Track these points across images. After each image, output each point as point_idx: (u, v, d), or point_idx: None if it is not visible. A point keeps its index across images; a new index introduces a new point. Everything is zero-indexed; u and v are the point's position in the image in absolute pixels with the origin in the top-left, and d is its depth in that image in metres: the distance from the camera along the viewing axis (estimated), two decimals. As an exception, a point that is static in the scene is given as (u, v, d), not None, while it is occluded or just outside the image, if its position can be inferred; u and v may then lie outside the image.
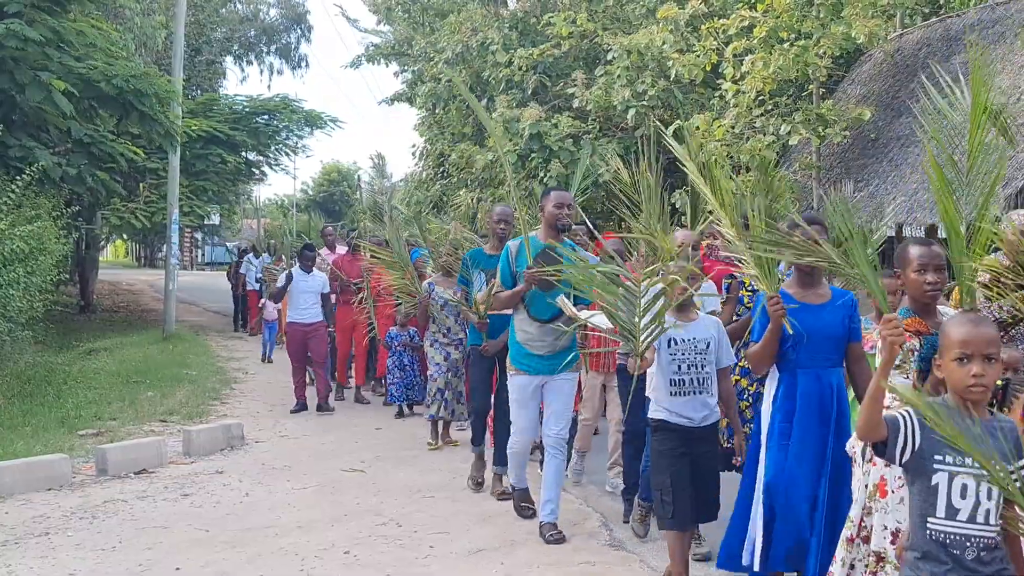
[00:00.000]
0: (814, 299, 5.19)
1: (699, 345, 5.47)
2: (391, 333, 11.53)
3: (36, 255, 12.67)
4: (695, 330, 5.52)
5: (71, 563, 6.10)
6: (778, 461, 5.13)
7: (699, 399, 5.46)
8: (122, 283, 35.51)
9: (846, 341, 5.21)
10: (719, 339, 5.56)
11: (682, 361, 5.44)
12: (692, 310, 5.62)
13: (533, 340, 6.79)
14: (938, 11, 17.80)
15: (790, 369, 5.17)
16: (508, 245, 7.01)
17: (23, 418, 10.49)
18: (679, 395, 5.44)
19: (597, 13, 19.84)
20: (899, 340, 3.54)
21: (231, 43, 39.89)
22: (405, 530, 6.93)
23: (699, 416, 5.46)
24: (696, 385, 5.45)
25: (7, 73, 13.65)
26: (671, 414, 5.46)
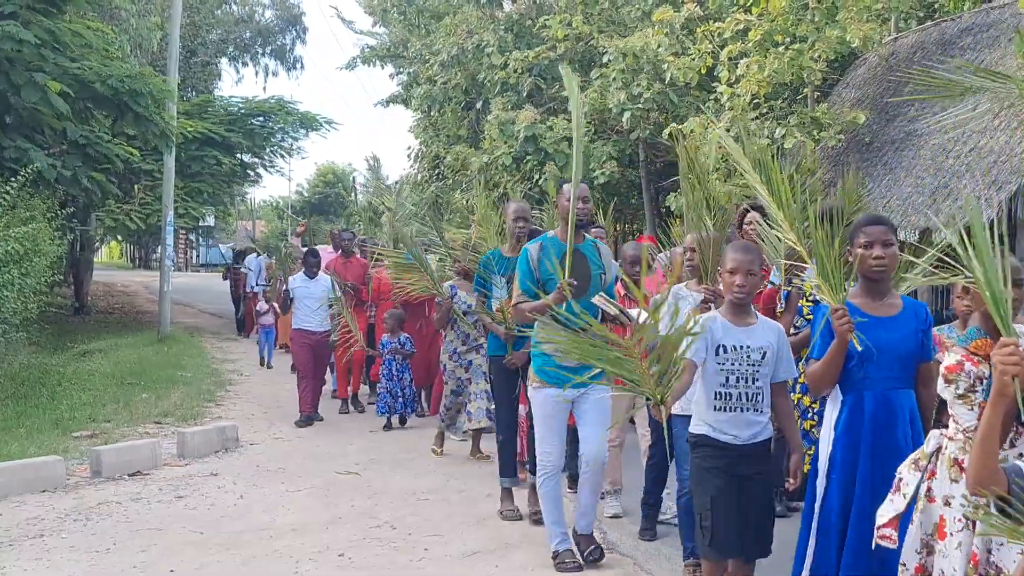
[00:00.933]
0: (884, 311, 4.57)
1: (753, 355, 4.74)
2: (382, 341, 11.15)
3: (30, 256, 12.65)
4: (750, 336, 4.78)
5: (65, 565, 6.09)
6: (842, 496, 4.52)
7: (746, 416, 4.76)
8: (117, 284, 35.47)
9: (918, 359, 4.60)
10: (778, 348, 4.82)
11: (731, 372, 4.72)
12: (749, 312, 4.88)
13: None
14: (933, 15, 17.81)
15: (855, 390, 4.56)
16: (527, 248, 6.23)
17: (17, 420, 10.48)
18: (723, 410, 4.74)
19: (592, 16, 19.83)
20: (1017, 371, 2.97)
21: (226, 44, 39.87)
22: (399, 533, 6.93)
23: (746, 434, 4.75)
24: (744, 400, 4.73)
25: (2, 74, 13.64)
26: (713, 430, 4.78)
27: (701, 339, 4.63)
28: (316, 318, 11.49)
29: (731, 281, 4.71)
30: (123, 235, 28.58)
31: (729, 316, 4.81)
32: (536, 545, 6.59)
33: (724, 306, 4.88)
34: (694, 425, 4.89)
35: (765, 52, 14.48)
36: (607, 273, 6.28)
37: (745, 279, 4.70)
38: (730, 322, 4.78)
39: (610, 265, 6.37)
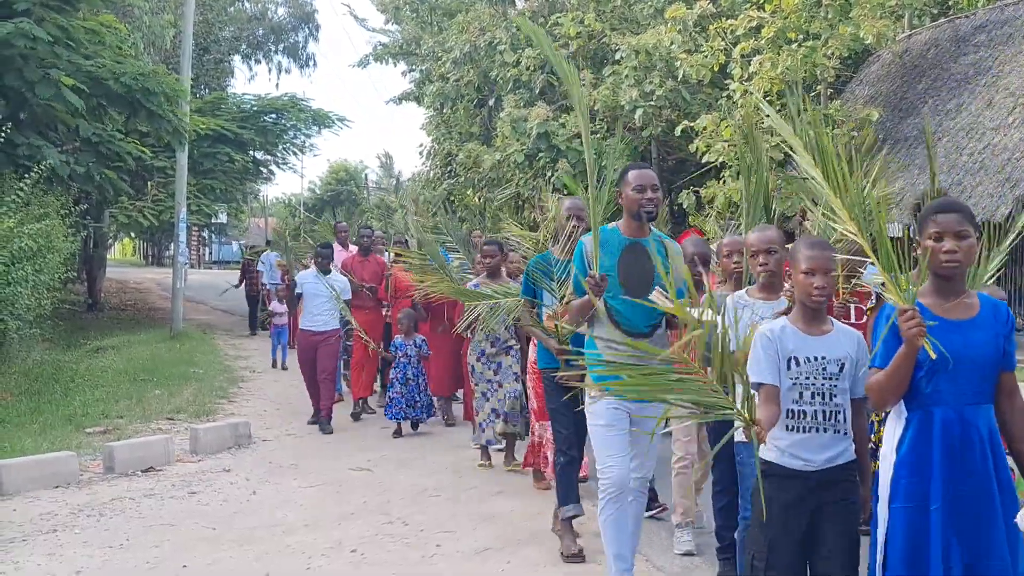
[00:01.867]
0: (958, 312, 3.85)
1: (830, 367, 4.06)
2: (395, 342, 10.55)
3: (44, 253, 12.72)
4: (827, 346, 4.10)
5: (78, 560, 6.11)
6: (906, 531, 3.84)
7: (822, 438, 4.05)
8: (129, 281, 35.56)
9: (999, 368, 3.87)
10: (858, 360, 4.13)
11: (805, 387, 4.05)
12: (824, 318, 4.20)
13: None
14: (947, 12, 17.77)
15: (923, 406, 3.85)
16: (582, 241, 5.49)
17: (31, 416, 10.51)
18: (797, 431, 4.05)
19: (605, 13, 19.84)
20: None
21: (239, 42, 39.95)
22: (411, 529, 6.93)
23: (822, 458, 4.04)
24: (821, 420, 4.05)
25: (16, 71, 13.69)
26: (783, 454, 4.08)
27: (769, 356, 4.03)
28: (323, 318, 10.79)
29: (807, 283, 4.05)
30: (136, 232, 28.70)
31: (801, 323, 4.14)
32: (547, 542, 6.58)
33: (795, 312, 4.21)
34: (763, 449, 4.11)
35: (778, 49, 14.47)
36: (673, 275, 5.26)
37: (825, 280, 4.05)
38: (802, 330, 4.12)
39: (678, 266, 5.44)
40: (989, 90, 13.63)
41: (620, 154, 17.75)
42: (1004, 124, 12.60)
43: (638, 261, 5.34)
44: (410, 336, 10.52)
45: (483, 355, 8.81)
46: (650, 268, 5.29)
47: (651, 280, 5.16)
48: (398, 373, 10.37)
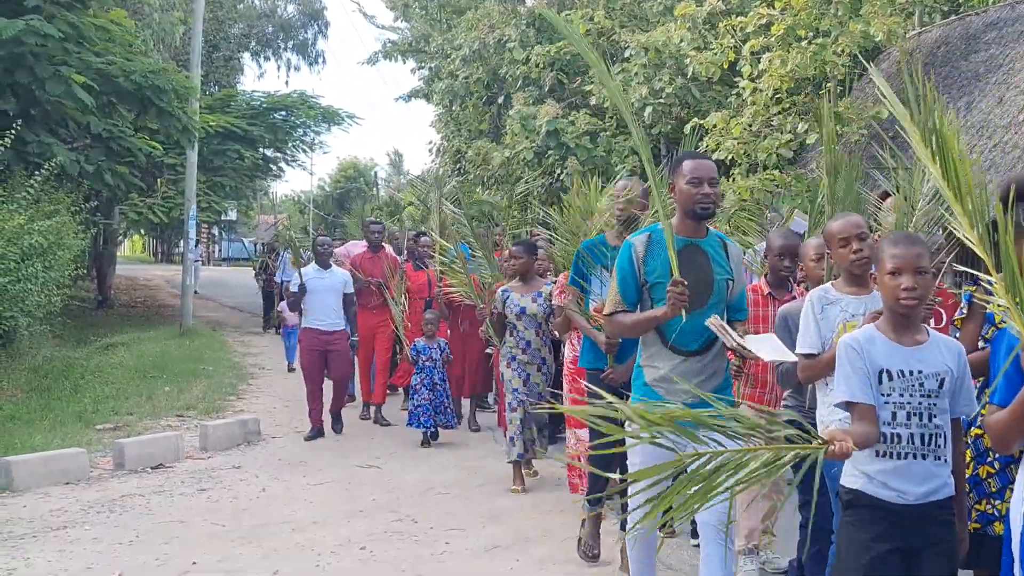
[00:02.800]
0: None
1: (928, 382, 3.49)
2: (417, 346, 9.82)
3: (54, 250, 12.74)
4: (923, 358, 3.53)
5: (88, 556, 6.12)
6: None
7: (919, 466, 3.47)
8: (139, 278, 35.64)
9: None
10: (959, 375, 3.56)
11: (899, 405, 3.48)
12: (918, 326, 3.62)
13: (670, 383, 4.53)
14: (957, 9, 17.70)
15: None
16: (631, 241, 4.76)
17: (41, 412, 10.54)
18: (890, 456, 3.48)
19: (614, 10, 19.82)
20: None
21: (249, 39, 40.05)
22: (420, 526, 6.94)
23: (920, 490, 3.46)
24: (919, 444, 3.47)
25: (26, 68, 13.72)
26: (872, 482, 3.50)
27: (859, 369, 3.49)
28: (330, 316, 10.13)
29: (895, 284, 3.50)
30: (146, 229, 28.79)
31: (892, 332, 3.56)
32: (556, 539, 6.59)
33: (883, 319, 3.63)
34: (847, 476, 3.62)
35: (788, 47, 14.43)
36: (735, 281, 4.74)
37: (914, 280, 3.48)
38: (893, 340, 3.55)
39: (739, 269, 4.84)
40: (1000, 88, 13.58)
41: (629, 152, 17.74)
42: (1015, 122, 12.54)
43: (695, 267, 4.56)
44: (433, 339, 9.88)
45: (514, 360, 8.09)
46: (708, 275, 4.61)
47: (709, 289, 4.59)
48: (424, 378, 9.67)
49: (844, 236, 4.42)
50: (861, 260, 4.39)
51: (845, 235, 4.42)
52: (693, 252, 4.60)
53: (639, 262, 4.65)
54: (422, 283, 10.99)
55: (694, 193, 4.54)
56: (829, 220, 4.75)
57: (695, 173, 4.56)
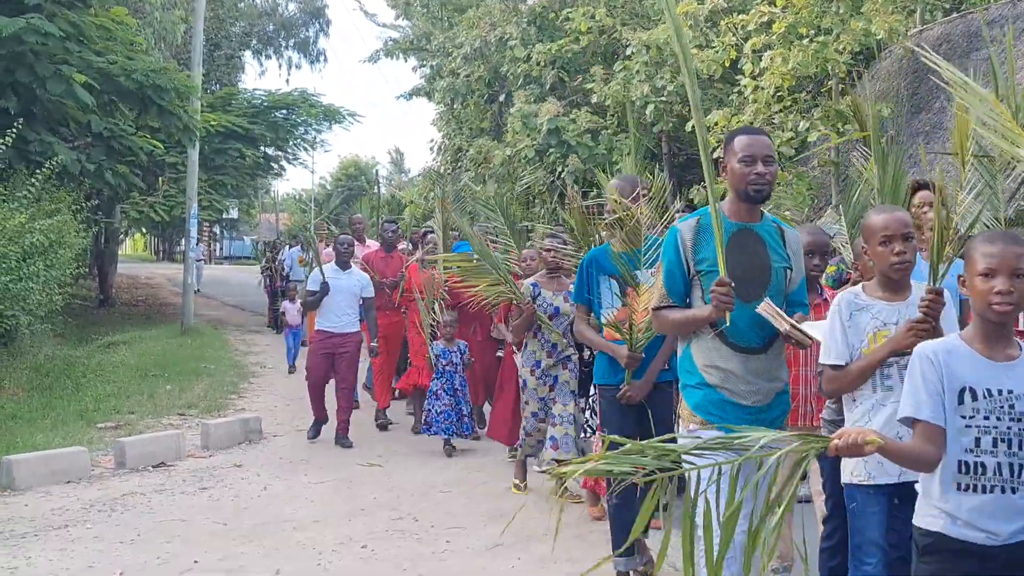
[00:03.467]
0: None
1: (1019, 404, 3.03)
2: (436, 349, 9.30)
3: (55, 249, 12.75)
4: (1014, 375, 3.07)
5: (90, 555, 6.12)
6: None
7: (1011, 501, 3.01)
8: (141, 277, 35.64)
9: None
10: None
11: (984, 430, 3.01)
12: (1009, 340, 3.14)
13: (736, 382, 4.16)
14: (959, 7, 17.68)
15: None
16: (677, 228, 4.33)
17: (42, 411, 10.55)
18: (973, 489, 3.02)
19: (616, 8, 19.79)
20: None
21: (250, 37, 40.05)
22: (421, 525, 6.94)
23: (1011, 528, 3.00)
24: (1008, 476, 3.00)
25: (27, 67, 13.72)
26: (953, 522, 3.04)
27: (931, 384, 3.07)
28: (344, 318, 9.70)
29: (987, 287, 3.06)
30: (147, 227, 28.78)
31: (980, 343, 3.10)
32: (559, 539, 6.57)
33: (972, 327, 3.18)
34: (922, 516, 3.15)
35: (789, 44, 14.41)
36: (794, 270, 4.33)
37: (1011, 283, 3.05)
38: (981, 353, 3.09)
39: (798, 258, 4.40)
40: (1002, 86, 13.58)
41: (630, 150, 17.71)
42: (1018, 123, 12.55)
43: (749, 253, 4.17)
44: (453, 342, 9.38)
45: (537, 367, 7.45)
46: (765, 262, 4.20)
47: (766, 278, 4.18)
48: (444, 383, 9.18)
49: (888, 234, 3.93)
50: (903, 264, 3.93)
51: (889, 232, 3.93)
52: (746, 237, 4.19)
53: (687, 251, 4.23)
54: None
55: (747, 172, 4.12)
56: (870, 211, 4.24)
57: (749, 150, 4.13)
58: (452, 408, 9.18)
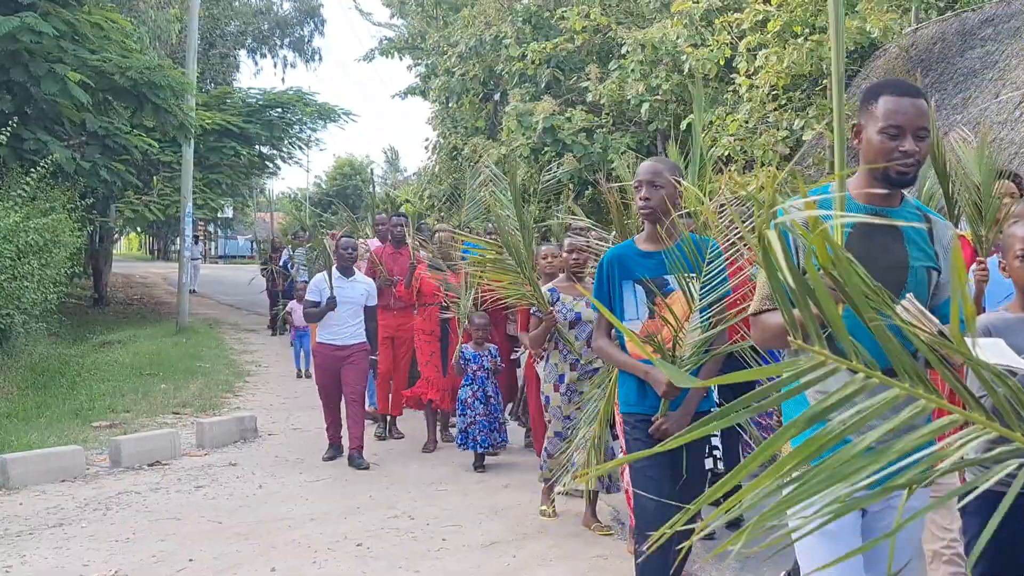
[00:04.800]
0: None
1: None
2: (465, 352, 8.55)
3: (50, 247, 12.74)
4: None
5: (85, 554, 6.12)
6: None
7: None
8: (135, 276, 35.60)
9: None
10: None
11: None
12: None
13: None
14: (953, 5, 17.70)
15: None
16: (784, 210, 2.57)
17: (37, 410, 10.54)
18: None
19: (611, 7, 19.82)
20: None
21: (245, 36, 40.03)
22: (417, 523, 6.94)
23: None
24: None
25: (22, 66, 13.72)
26: None
27: None
28: (349, 329, 8.84)
29: None
30: (142, 226, 28.74)
31: None
32: (554, 536, 6.59)
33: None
34: None
35: (784, 43, 14.43)
36: (942, 272, 3.23)
37: None
38: None
39: (949, 256, 3.21)
40: (996, 84, 13.58)
41: (626, 148, 17.73)
42: (1011, 118, 12.54)
43: (881, 246, 3.15)
44: (483, 345, 8.63)
45: (561, 381, 6.72)
46: (901, 259, 3.17)
47: (902, 278, 3.14)
48: (476, 391, 8.45)
49: None
50: None
51: None
52: (876, 227, 3.15)
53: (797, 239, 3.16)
54: None
55: (890, 147, 3.05)
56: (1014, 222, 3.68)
57: (894, 119, 3.03)
58: (486, 418, 8.43)
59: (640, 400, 4.50)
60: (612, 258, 4.53)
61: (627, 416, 4.63)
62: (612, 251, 4.61)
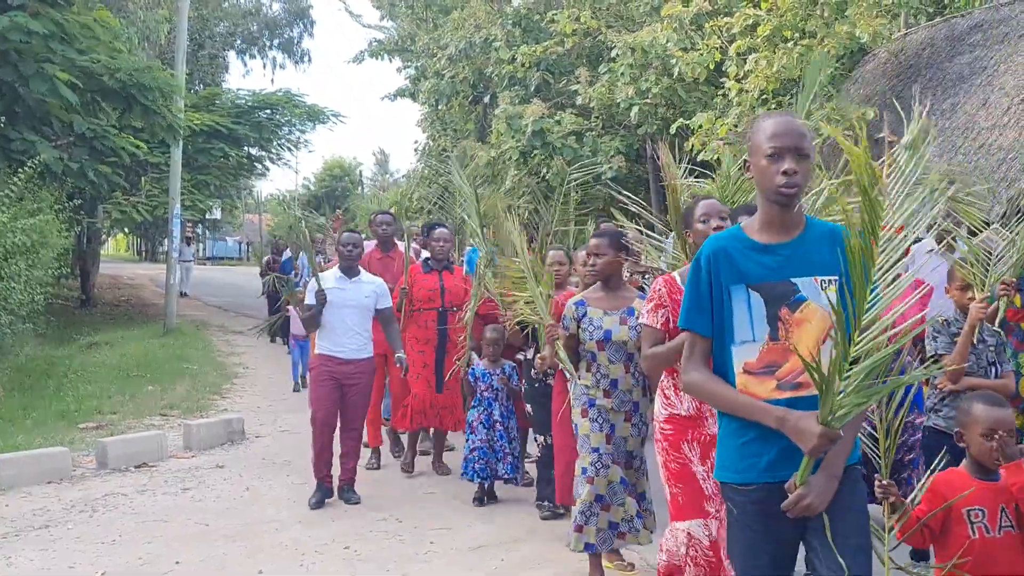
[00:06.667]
0: None
1: None
2: (475, 370, 7.67)
3: (37, 248, 12.69)
4: None
5: (71, 556, 6.09)
6: None
7: None
8: (123, 277, 35.46)
9: None
10: None
11: None
12: None
13: None
14: (943, 11, 17.76)
15: None
16: None
17: (23, 411, 10.50)
18: None
19: (601, 10, 19.82)
20: None
21: (234, 37, 39.97)
22: (405, 526, 6.92)
23: None
24: None
25: (10, 66, 13.66)
26: None
27: None
28: (356, 339, 7.53)
29: None
30: (130, 227, 28.65)
31: None
32: (542, 539, 6.58)
33: None
34: None
35: (774, 47, 14.46)
36: None
37: None
38: None
39: None
40: (984, 90, 13.62)
41: (615, 152, 17.74)
42: (999, 124, 12.58)
43: None
44: (498, 362, 7.66)
45: (592, 406, 5.51)
46: None
47: None
48: (481, 414, 7.53)
49: None
50: None
51: None
52: None
53: None
54: (432, 288, 8.45)
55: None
56: None
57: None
58: (490, 445, 7.46)
59: (753, 461, 3.14)
60: (716, 251, 3.28)
61: (735, 487, 3.22)
62: (714, 241, 3.35)
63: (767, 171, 3.07)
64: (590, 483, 5.40)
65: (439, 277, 8.51)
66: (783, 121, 3.12)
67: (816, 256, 3.13)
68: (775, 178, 3.05)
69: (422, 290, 8.42)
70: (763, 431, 3.06)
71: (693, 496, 4.53)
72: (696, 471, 4.55)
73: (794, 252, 3.16)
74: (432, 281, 8.48)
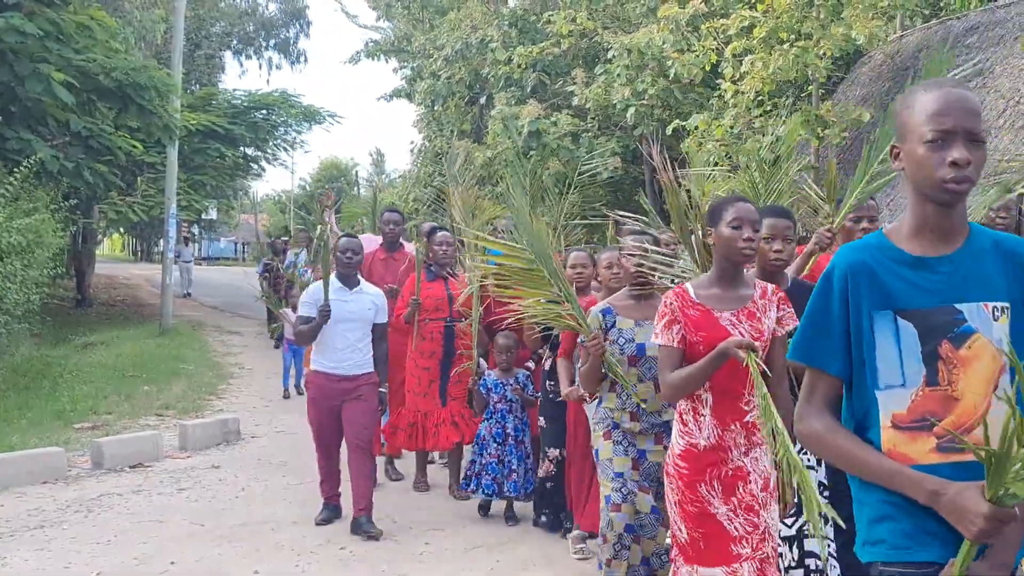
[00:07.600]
0: None
1: None
2: (487, 380, 7.25)
3: (33, 248, 12.67)
4: None
5: (66, 556, 6.09)
6: None
7: None
8: (119, 277, 35.44)
9: None
10: None
11: None
12: None
13: None
14: (938, 13, 17.80)
15: None
16: None
17: (19, 411, 10.49)
18: None
19: (597, 12, 19.82)
20: None
21: (230, 37, 39.91)
22: (400, 526, 6.92)
23: None
24: None
25: (6, 65, 13.65)
26: None
27: None
28: (354, 355, 6.83)
29: None
30: (125, 227, 28.64)
31: None
32: (537, 540, 6.58)
33: None
34: None
35: (770, 49, 14.46)
36: None
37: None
38: None
39: None
40: (980, 92, 13.66)
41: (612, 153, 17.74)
42: (994, 126, 12.61)
43: None
44: (510, 372, 7.22)
45: (616, 429, 4.99)
46: None
47: None
48: (491, 426, 7.13)
49: None
50: None
51: None
52: None
53: None
54: (439, 297, 7.81)
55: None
56: None
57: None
58: (500, 460, 7.05)
59: (911, 541, 2.35)
60: (855, 265, 2.46)
61: (890, 567, 2.38)
62: (852, 252, 2.51)
63: (927, 161, 2.33)
64: (616, 511, 4.81)
65: (445, 284, 7.84)
66: (952, 95, 2.38)
67: (986, 273, 2.40)
68: (939, 170, 2.31)
69: (428, 299, 7.76)
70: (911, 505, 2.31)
71: (716, 539, 3.97)
72: (718, 512, 3.98)
73: (958, 268, 2.40)
74: (438, 289, 7.81)
